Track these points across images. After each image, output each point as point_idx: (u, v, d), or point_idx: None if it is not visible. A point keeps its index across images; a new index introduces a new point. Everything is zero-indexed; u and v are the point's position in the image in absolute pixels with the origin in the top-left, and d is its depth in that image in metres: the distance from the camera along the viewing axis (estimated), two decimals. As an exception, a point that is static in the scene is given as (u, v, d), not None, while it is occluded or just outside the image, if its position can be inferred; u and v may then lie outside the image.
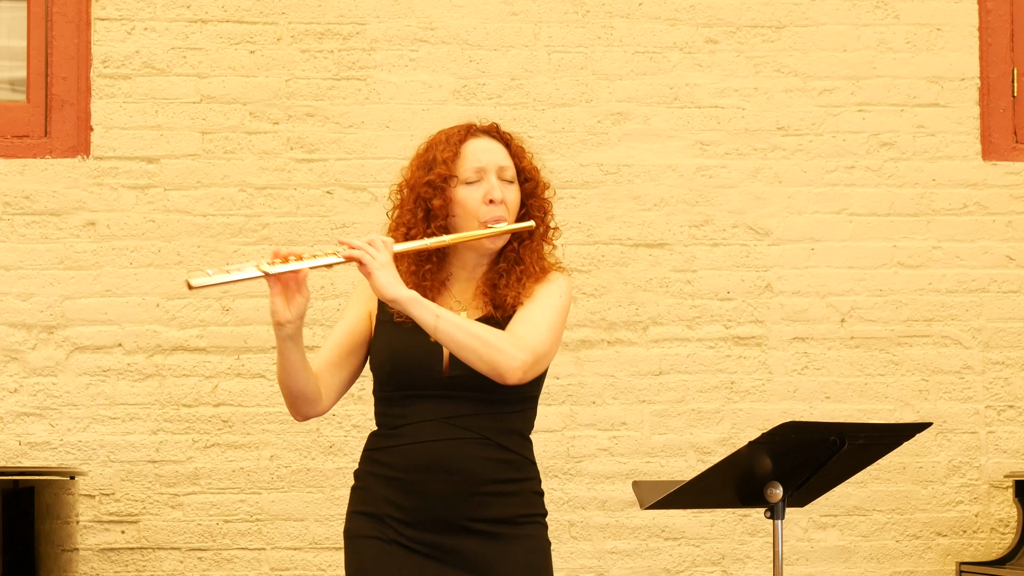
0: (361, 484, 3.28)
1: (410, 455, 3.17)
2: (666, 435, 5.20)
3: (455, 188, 3.24)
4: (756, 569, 5.17)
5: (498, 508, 3.19)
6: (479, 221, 3.23)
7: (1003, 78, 5.35)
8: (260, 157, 5.15)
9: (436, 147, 3.29)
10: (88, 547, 5.02)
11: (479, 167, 3.25)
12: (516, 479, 3.23)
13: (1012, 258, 5.31)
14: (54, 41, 5.12)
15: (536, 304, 3.22)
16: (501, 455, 3.20)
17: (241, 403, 5.10)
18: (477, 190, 3.24)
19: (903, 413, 5.24)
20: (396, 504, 3.19)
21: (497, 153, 3.29)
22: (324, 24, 5.18)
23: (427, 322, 3.08)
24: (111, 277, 5.09)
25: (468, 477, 3.16)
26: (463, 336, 3.09)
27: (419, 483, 3.17)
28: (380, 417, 3.29)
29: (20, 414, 5.05)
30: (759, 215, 5.26)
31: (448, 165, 3.24)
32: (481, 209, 3.23)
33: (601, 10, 5.25)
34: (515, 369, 3.11)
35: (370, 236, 3.12)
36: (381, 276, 3.06)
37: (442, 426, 3.17)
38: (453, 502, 3.16)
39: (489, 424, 3.19)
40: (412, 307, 3.07)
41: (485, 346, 3.09)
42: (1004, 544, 5.22)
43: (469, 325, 3.11)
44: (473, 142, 3.29)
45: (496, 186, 3.24)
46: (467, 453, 3.17)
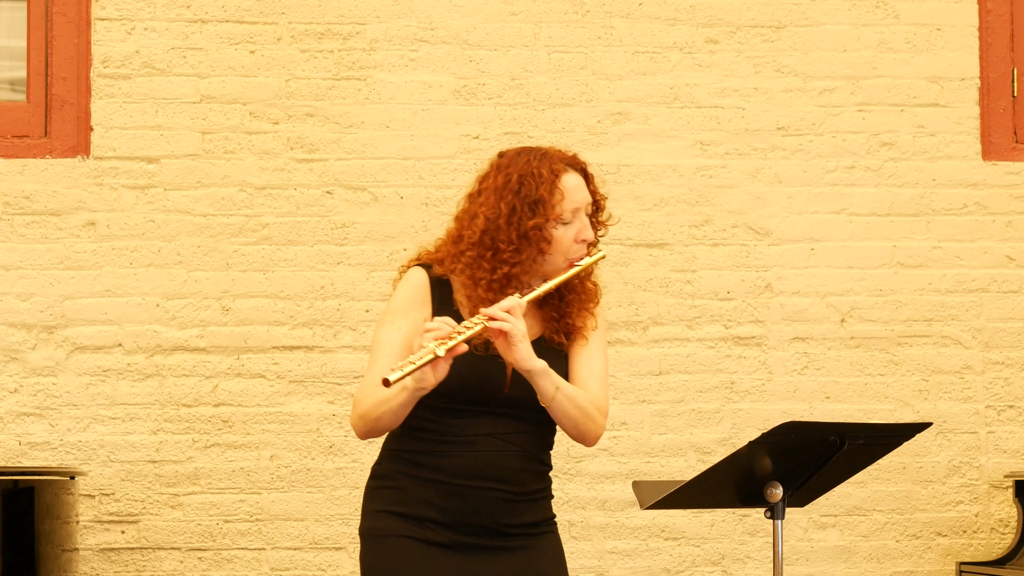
0: (394, 484, 3.35)
1: (465, 463, 3.29)
2: (666, 435, 5.20)
3: (553, 228, 3.30)
4: (756, 569, 5.17)
5: (529, 514, 3.37)
6: (567, 259, 3.32)
7: (1003, 78, 5.35)
8: (260, 157, 5.15)
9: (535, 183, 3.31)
10: (88, 547, 5.01)
11: (576, 208, 3.33)
12: (544, 488, 3.42)
13: (1012, 258, 5.31)
14: (54, 41, 5.11)
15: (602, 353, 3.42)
16: (537, 467, 3.38)
17: (241, 403, 5.10)
18: (570, 230, 3.32)
19: (903, 413, 5.24)
20: (439, 507, 3.30)
21: (584, 191, 3.36)
22: (324, 24, 5.18)
23: (547, 393, 3.25)
24: (111, 277, 5.09)
25: (511, 486, 3.32)
26: (572, 409, 3.28)
27: (468, 489, 3.29)
28: (431, 423, 3.33)
29: (20, 414, 5.05)
30: (759, 215, 5.26)
31: (556, 208, 3.29)
32: (572, 248, 3.33)
33: (601, 10, 5.25)
34: (598, 437, 3.38)
35: (509, 303, 3.19)
36: (523, 349, 3.19)
37: (495, 440, 3.31)
38: (494, 508, 3.30)
39: (532, 441, 3.35)
40: (541, 378, 3.23)
41: (585, 417, 3.31)
42: (1004, 544, 5.22)
43: (578, 399, 3.29)
44: (567, 179, 3.33)
45: (587, 226, 3.34)
46: (513, 465, 3.32)
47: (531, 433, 3.34)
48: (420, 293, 3.33)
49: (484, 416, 3.30)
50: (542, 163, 3.31)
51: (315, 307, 5.11)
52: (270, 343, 5.11)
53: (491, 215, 3.30)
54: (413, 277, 3.36)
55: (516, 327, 3.17)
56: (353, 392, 5.10)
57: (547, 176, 3.30)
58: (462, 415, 3.30)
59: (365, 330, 5.12)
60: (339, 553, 5.09)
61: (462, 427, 3.30)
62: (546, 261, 3.31)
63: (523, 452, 3.32)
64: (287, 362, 5.11)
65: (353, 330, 5.12)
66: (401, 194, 5.17)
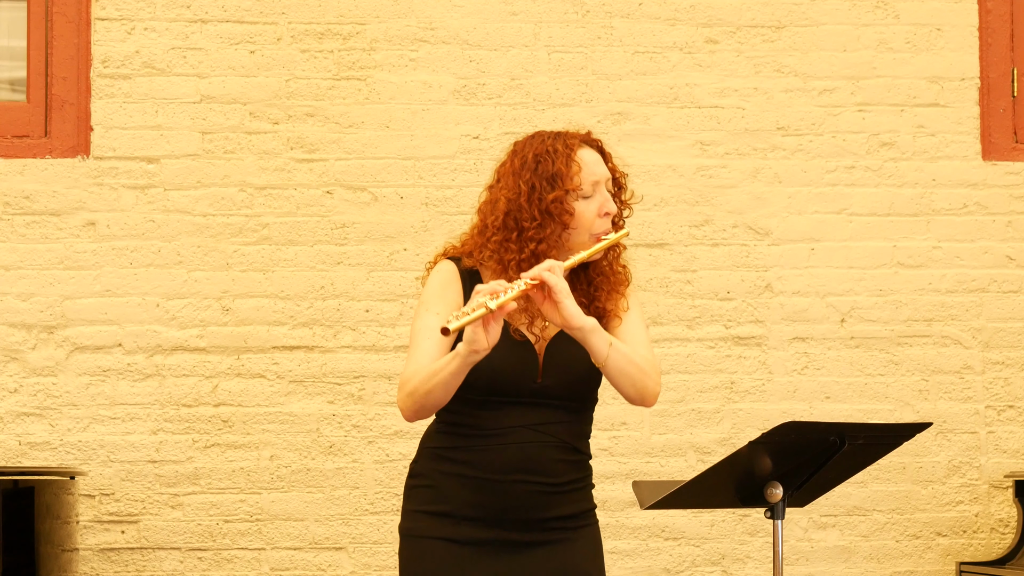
0: (428, 483, 3.33)
1: (498, 457, 3.27)
2: (666, 435, 5.20)
3: (575, 202, 3.30)
4: (756, 569, 5.17)
5: (567, 506, 3.33)
6: (590, 233, 3.30)
7: (1003, 78, 5.35)
8: (260, 157, 5.15)
9: (551, 158, 3.32)
10: (88, 547, 5.02)
11: (595, 181, 3.32)
12: (582, 478, 3.37)
13: (1012, 258, 5.31)
14: (54, 41, 5.11)
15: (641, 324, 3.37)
16: (574, 457, 3.34)
17: (241, 403, 5.10)
18: (592, 204, 3.30)
19: (903, 413, 5.24)
20: (474, 503, 3.28)
21: (602, 165, 3.36)
22: (324, 24, 5.19)
23: (600, 350, 3.20)
24: (111, 277, 5.09)
25: (549, 477, 3.29)
26: (628, 365, 3.23)
27: (503, 483, 3.27)
28: (463, 417, 3.32)
29: (20, 414, 5.05)
30: (759, 215, 5.26)
31: (575, 180, 3.29)
32: (596, 222, 3.31)
33: (601, 10, 5.25)
34: (657, 394, 3.31)
35: (548, 263, 3.17)
36: (570, 304, 3.15)
37: (528, 432, 3.28)
38: (530, 501, 3.28)
39: (568, 430, 3.32)
40: (592, 335, 3.18)
41: (642, 374, 3.25)
42: (1004, 544, 5.22)
43: (632, 354, 3.24)
44: (583, 153, 3.34)
45: (609, 199, 3.33)
46: (549, 456, 3.28)
47: (566, 423, 3.30)
48: (452, 282, 3.34)
49: (517, 407, 3.28)
50: (556, 140, 3.33)
51: (315, 307, 5.11)
52: (270, 343, 5.11)
53: (512, 196, 3.31)
54: (443, 268, 3.36)
55: (561, 282, 3.14)
56: (354, 392, 5.11)
57: (562, 151, 3.31)
58: (495, 407, 3.28)
59: (365, 330, 5.12)
60: (339, 553, 5.09)
61: (495, 419, 3.28)
62: (571, 236, 3.30)
63: (558, 442, 3.29)
64: (287, 362, 5.11)
65: (353, 330, 5.12)
66: (401, 194, 5.17)
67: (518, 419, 3.28)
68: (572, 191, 3.28)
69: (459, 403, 3.28)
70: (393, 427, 5.10)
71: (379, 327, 5.13)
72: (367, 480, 5.09)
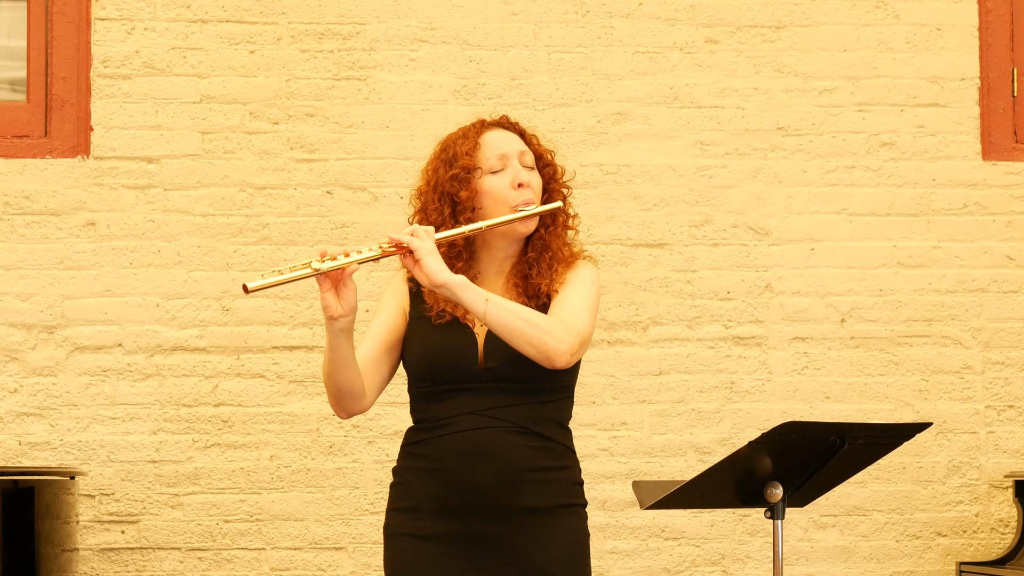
0: (400, 480, 3.33)
1: (448, 445, 3.22)
2: (666, 435, 5.20)
3: (480, 179, 3.30)
4: (756, 569, 5.17)
5: (537, 497, 3.23)
6: (509, 206, 3.28)
7: (1003, 78, 5.35)
8: (260, 157, 5.15)
9: (454, 143, 3.35)
10: (88, 547, 5.02)
11: (501, 154, 3.31)
12: (555, 467, 3.27)
13: (1012, 258, 5.31)
14: (54, 41, 5.12)
15: (571, 289, 3.27)
16: (539, 443, 3.24)
17: (241, 403, 5.10)
18: (503, 177, 3.30)
19: (903, 413, 5.24)
20: (434, 495, 3.23)
21: (515, 140, 3.36)
22: (324, 24, 5.19)
23: (476, 306, 3.11)
24: (111, 277, 5.09)
25: (507, 464, 3.20)
26: (512, 320, 3.12)
27: (458, 472, 3.20)
28: (417, 413, 3.33)
29: (20, 414, 5.05)
30: (759, 215, 5.26)
31: (471, 156, 3.30)
32: (511, 194, 3.28)
33: (601, 10, 5.25)
34: (563, 352, 3.14)
35: (411, 227, 3.16)
36: (430, 262, 3.10)
37: (480, 418, 3.22)
38: (492, 489, 3.20)
39: (526, 414, 3.23)
40: (461, 291, 3.11)
41: (534, 329, 3.12)
42: (1004, 544, 5.22)
43: (518, 308, 3.15)
44: (490, 133, 3.36)
45: (522, 170, 3.31)
46: (505, 440, 3.21)
47: (520, 406, 3.22)
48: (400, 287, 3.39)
49: (463, 393, 3.23)
50: (465, 128, 3.37)
51: (315, 307, 5.11)
52: (270, 343, 5.11)
53: (421, 184, 3.36)
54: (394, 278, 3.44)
55: (418, 243, 3.11)
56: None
57: (465, 133, 3.35)
58: (442, 396, 3.25)
59: (365, 330, 5.11)
60: (339, 553, 5.09)
61: (444, 408, 3.24)
62: (486, 215, 3.27)
63: (515, 427, 3.21)
64: (287, 362, 5.11)
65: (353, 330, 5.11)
66: (401, 194, 5.17)
67: (466, 406, 3.22)
68: (472, 168, 3.28)
69: (413, 398, 3.31)
70: (393, 427, 5.10)
71: (379, 327, 5.13)
72: (367, 480, 5.09)
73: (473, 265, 3.33)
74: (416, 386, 3.30)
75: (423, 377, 3.27)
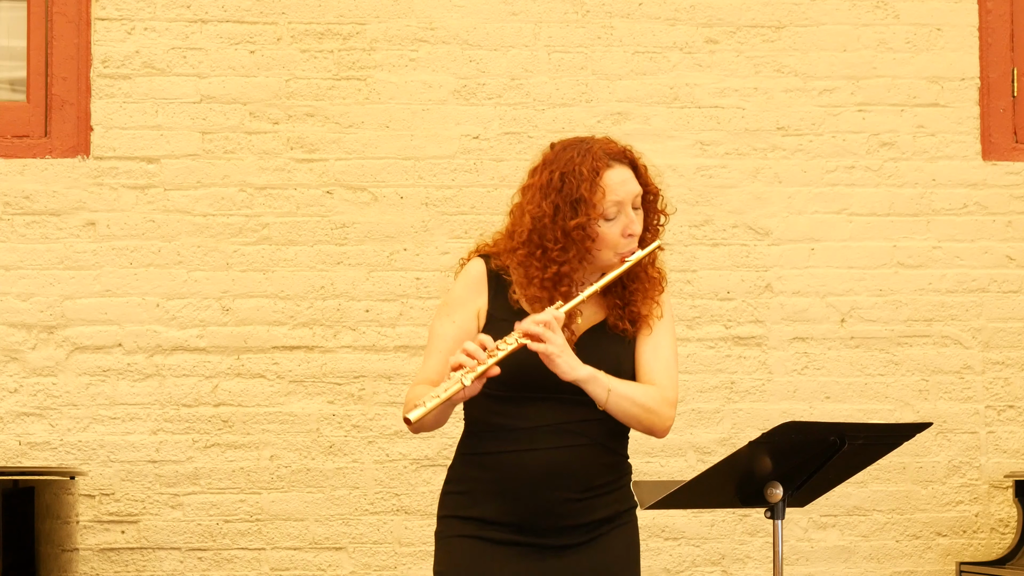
0: (463, 489, 3.31)
1: (525, 462, 3.24)
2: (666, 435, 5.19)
3: (597, 226, 3.28)
4: (756, 569, 5.17)
5: (601, 509, 3.29)
6: (616, 253, 3.29)
7: (1003, 78, 5.35)
8: (260, 157, 5.15)
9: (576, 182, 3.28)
10: (88, 547, 5.02)
11: (618, 201, 3.28)
12: (616, 479, 3.34)
13: (1012, 258, 5.31)
14: (54, 41, 5.11)
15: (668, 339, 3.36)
16: (610, 459, 3.31)
17: (241, 403, 5.10)
18: (616, 225, 3.29)
19: (903, 413, 5.24)
20: (506, 511, 3.25)
21: (632, 183, 3.32)
22: (324, 24, 5.19)
23: (599, 398, 3.21)
24: (111, 277, 5.09)
25: (580, 483, 3.26)
26: (631, 407, 3.24)
27: (533, 490, 3.23)
28: (490, 415, 3.29)
29: (20, 414, 5.05)
30: (759, 215, 5.26)
31: (597, 207, 3.26)
32: (620, 242, 3.29)
33: (601, 10, 5.25)
34: (667, 429, 3.33)
35: (545, 316, 3.17)
36: (563, 363, 3.16)
37: (559, 432, 3.25)
38: (559, 507, 3.24)
39: (602, 429, 3.28)
40: (590, 385, 3.20)
41: (647, 413, 3.26)
42: (1004, 544, 5.22)
43: (634, 395, 3.24)
44: (611, 174, 3.29)
45: (635, 220, 3.30)
46: (582, 460, 3.25)
47: (600, 420, 3.26)
48: (477, 283, 3.34)
49: (546, 403, 3.24)
50: (584, 160, 3.29)
51: (315, 307, 5.11)
52: (270, 343, 5.11)
53: (537, 214, 3.29)
54: (471, 268, 3.35)
55: (553, 344, 3.15)
56: (354, 392, 5.11)
57: (587, 175, 3.27)
58: (522, 403, 3.25)
59: (365, 330, 5.12)
60: (339, 553, 5.09)
61: (522, 416, 3.25)
62: (595, 258, 3.29)
63: (591, 444, 3.26)
64: (287, 362, 5.11)
65: (353, 330, 5.12)
66: (401, 194, 5.17)
67: (545, 417, 3.24)
68: (594, 218, 3.26)
69: (484, 399, 3.24)
70: (393, 427, 5.10)
71: (379, 327, 5.13)
72: (367, 480, 5.09)
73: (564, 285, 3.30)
74: (490, 388, 3.23)
75: (506, 382, 3.22)
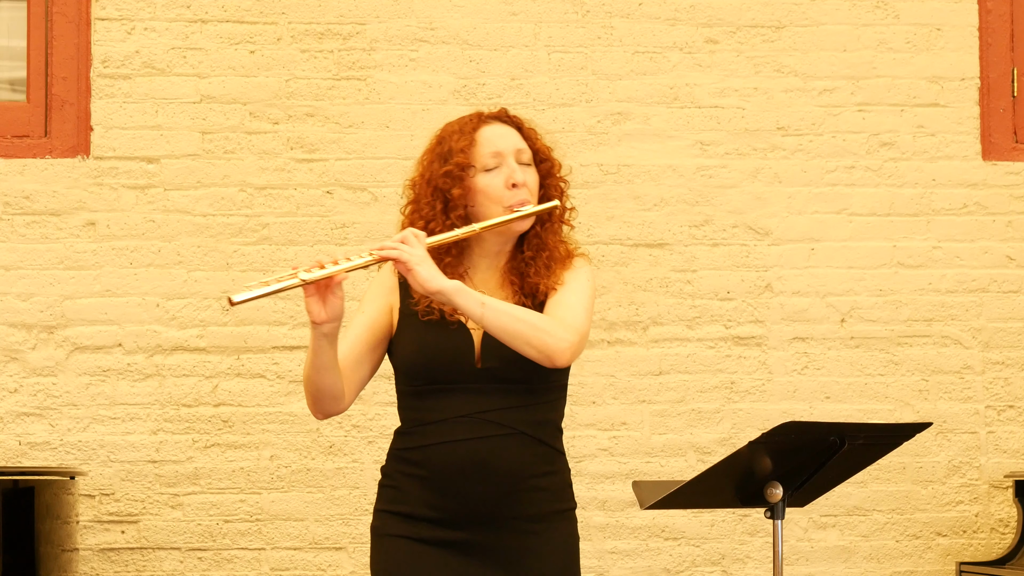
0: (392, 483, 3.26)
1: (446, 455, 3.16)
2: (666, 435, 5.20)
3: (474, 177, 3.23)
4: (756, 569, 5.17)
5: (534, 504, 3.19)
6: (503, 206, 3.21)
7: (1003, 78, 5.35)
8: (260, 157, 5.15)
9: (449, 138, 3.27)
10: (88, 547, 5.02)
11: (496, 151, 3.24)
12: (549, 472, 3.23)
13: (1012, 258, 5.31)
14: (54, 41, 5.11)
15: (568, 289, 3.21)
16: (537, 449, 3.20)
17: (241, 403, 5.10)
18: (497, 176, 3.23)
19: (903, 413, 5.24)
20: (432, 505, 3.18)
21: (512, 137, 3.28)
22: (324, 24, 5.19)
23: (472, 310, 3.06)
24: (111, 277, 5.09)
25: (507, 476, 3.15)
26: (511, 322, 3.07)
27: (457, 484, 3.15)
28: (407, 412, 3.26)
29: (20, 414, 5.05)
30: (759, 215, 5.26)
31: (465, 154, 3.22)
32: (505, 194, 3.22)
33: (601, 10, 5.25)
34: (564, 350, 3.09)
35: (402, 234, 3.11)
36: (422, 271, 3.05)
37: (477, 422, 3.16)
38: (491, 501, 3.15)
39: (524, 417, 3.18)
40: (457, 297, 3.05)
41: (533, 329, 3.08)
42: (1004, 544, 5.22)
43: (515, 310, 3.09)
44: (486, 128, 3.28)
45: (517, 169, 3.24)
46: (505, 451, 3.16)
47: (520, 408, 3.17)
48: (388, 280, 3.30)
49: (457, 394, 3.16)
50: (462, 120, 3.30)
51: (315, 307, 5.11)
52: (270, 343, 5.11)
53: (415, 177, 3.30)
54: (381, 271, 3.33)
55: (406, 252, 3.05)
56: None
57: (461, 128, 3.27)
58: (435, 395, 3.17)
59: (365, 330, 5.12)
60: (339, 553, 5.09)
61: (438, 409, 3.16)
62: (476, 214, 3.22)
63: (514, 433, 3.16)
64: (287, 362, 5.11)
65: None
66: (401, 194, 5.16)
67: (461, 408, 3.16)
68: (466, 165, 3.21)
69: (404, 396, 3.23)
70: (393, 427, 5.07)
71: (379, 327, 5.12)
72: (367, 480, 5.09)
73: (463, 260, 3.26)
74: (407, 384, 3.23)
75: (416, 376, 3.20)
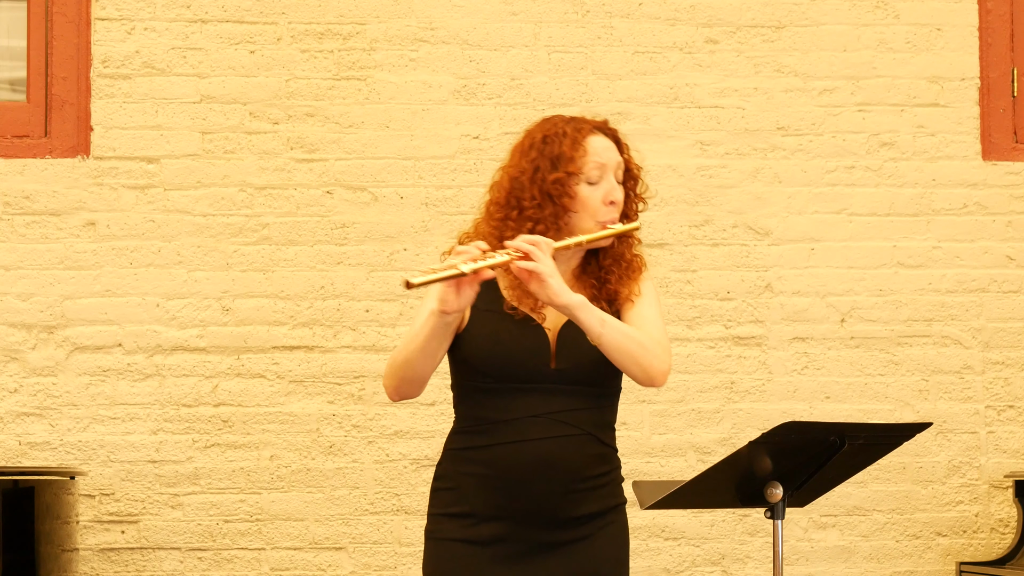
0: (450, 485, 3.26)
1: (515, 454, 3.18)
2: (666, 435, 5.20)
3: (577, 186, 3.25)
4: (756, 569, 5.17)
5: (591, 503, 3.23)
6: (596, 220, 3.25)
7: (1003, 78, 5.35)
8: (260, 157, 5.15)
9: (559, 140, 3.28)
10: (88, 547, 5.02)
11: (601, 163, 3.27)
12: (609, 471, 3.29)
13: (1012, 258, 5.31)
14: (54, 41, 5.12)
15: (652, 306, 3.30)
16: (599, 450, 3.25)
17: (241, 403, 5.10)
18: (598, 190, 3.26)
19: (903, 413, 5.24)
20: (496, 504, 3.20)
21: (613, 152, 3.31)
22: (324, 24, 5.19)
23: (593, 327, 3.11)
24: (111, 277, 5.09)
25: (569, 475, 3.19)
26: (626, 341, 3.15)
27: (523, 483, 3.18)
28: (471, 409, 3.25)
29: (20, 414, 5.05)
30: (759, 215, 5.26)
31: (576, 162, 3.24)
32: (601, 209, 3.26)
33: (601, 10, 5.25)
34: (664, 373, 3.21)
35: (535, 237, 3.12)
36: (554, 283, 3.09)
37: (548, 423, 3.19)
38: (552, 499, 3.19)
39: (591, 418, 3.23)
40: (581, 312, 3.11)
41: (643, 350, 3.16)
42: (1004, 544, 5.22)
43: (628, 329, 3.16)
44: (594, 139, 3.29)
45: (616, 188, 3.28)
46: (572, 451, 3.19)
47: (587, 410, 3.21)
48: None
49: (532, 394, 3.18)
50: (568, 123, 3.30)
51: (315, 307, 5.11)
52: (270, 343, 5.11)
53: (515, 174, 3.27)
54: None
55: (543, 262, 3.08)
56: (354, 392, 5.11)
57: (571, 133, 3.27)
58: (507, 395, 3.19)
59: (365, 330, 5.12)
60: (339, 553, 5.09)
61: (508, 408, 3.18)
62: (573, 221, 3.24)
63: (582, 434, 3.20)
64: (287, 362, 5.11)
65: (353, 330, 5.12)
66: (401, 194, 5.17)
67: (533, 408, 3.18)
68: (575, 174, 3.23)
69: (471, 393, 3.23)
70: (393, 427, 5.10)
71: (379, 327, 5.13)
72: (367, 480, 5.09)
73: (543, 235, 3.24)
74: (477, 381, 3.22)
75: (489, 373, 3.19)
